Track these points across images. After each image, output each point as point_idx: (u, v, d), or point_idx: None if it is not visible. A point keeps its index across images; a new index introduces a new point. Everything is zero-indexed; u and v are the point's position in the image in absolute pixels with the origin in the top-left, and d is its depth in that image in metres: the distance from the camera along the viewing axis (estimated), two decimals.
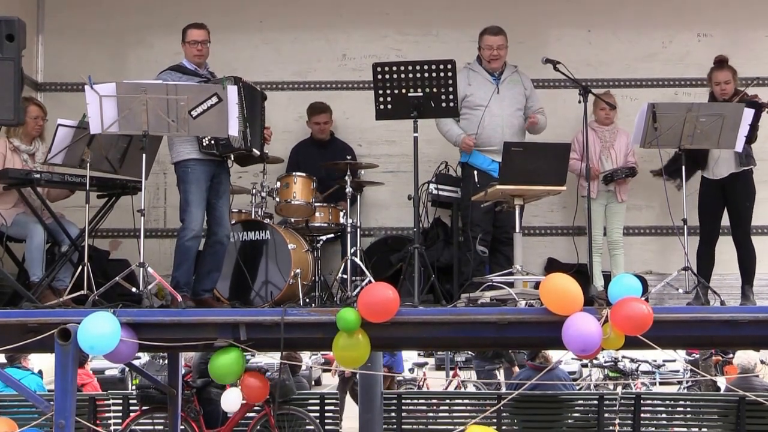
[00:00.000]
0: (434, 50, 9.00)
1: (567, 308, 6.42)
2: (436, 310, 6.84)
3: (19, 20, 6.61)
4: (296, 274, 7.84)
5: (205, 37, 7.57)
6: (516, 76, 8.14)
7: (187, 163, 7.37)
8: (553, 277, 6.61)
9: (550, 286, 6.51)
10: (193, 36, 7.53)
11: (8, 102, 6.55)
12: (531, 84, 8.22)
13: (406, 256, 7.60)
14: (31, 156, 7.78)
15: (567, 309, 6.42)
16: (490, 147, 7.92)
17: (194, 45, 7.51)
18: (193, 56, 7.52)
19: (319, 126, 9.04)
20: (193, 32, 7.54)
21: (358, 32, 9.43)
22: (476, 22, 8.48)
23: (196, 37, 7.52)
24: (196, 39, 7.52)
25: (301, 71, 9.42)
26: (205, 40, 7.55)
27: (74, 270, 7.30)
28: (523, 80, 8.17)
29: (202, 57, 7.55)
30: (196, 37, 7.52)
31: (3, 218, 7.43)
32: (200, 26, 7.59)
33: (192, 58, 7.53)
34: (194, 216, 7.27)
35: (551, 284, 6.52)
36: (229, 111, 6.83)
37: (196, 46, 7.51)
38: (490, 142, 7.93)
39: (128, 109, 6.79)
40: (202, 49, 7.54)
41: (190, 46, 7.51)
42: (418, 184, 7.26)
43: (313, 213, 8.23)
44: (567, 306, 6.42)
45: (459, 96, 7.48)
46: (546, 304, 6.48)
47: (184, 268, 7.28)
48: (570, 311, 6.40)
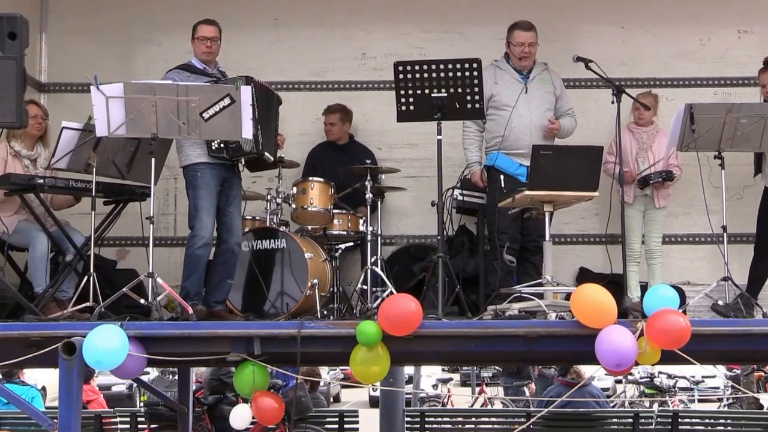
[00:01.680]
0: (458, 48, 8.98)
1: (600, 321, 6.38)
2: (461, 323, 6.81)
3: (21, 17, 6.62)
4: (313, 284, 7.83)
5: (215, 33, 7.58)
6: (546, 75, 8.09)
7: (196, 167, 7.38)
8: (585, 288, 6.57)
9: (581, 298, 6.47)
10: (202, 32, 7.54)
11: (10, 103, 6.55)
12: (561, 83, 8.18)
13: (429, 265, 7.58)
14: (32, 161, 7.81)
15: (600, 322, 6.38)
16: (518, 150, 7.88)
17: (203, 42, 7.53)
18: (201, 53, 7.54)
19: (326, 127, 9.04)
20: (202, 28, 7.56)
21: (378, 29, 9.43)
22: (503, 18, 8.46)
23: (205, 33, 7.54)
24: (206, 35, 7.54)
25: (317, 71, 9.43)
26: (215, 36, 7.56)
27: (79, 280, 7.32)
28: (553, 79, 8.12)
29: (212, 55, 7.57)
30: (206, 33, 7.54)
31: (5, 226, 7.45)
32: (211, 22, 7.60)
33: (200, 55, 7.55)
34: (204, 223, 7.28)
35: (583, 295, 6.49)
36: (242, 113, 6.83)
37: (206, 43, 7.53)
38: (518, 145, 7.89)
39: (136, 111, 6.80)
40: (212, 47, 7.55)
41: (199, 42, 7.54)
42: (441, 190, 7.24)
43: (331, 220, 8.22)
44: (600, 318, 6.39)
45: (485, 96, 7.45)
46: (577, 317, 6.44)
47: (195, 277, 7.29)
48: (603, 324, 6.36)
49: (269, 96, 7.63)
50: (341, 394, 26.52)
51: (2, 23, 6.57)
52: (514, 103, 7.92)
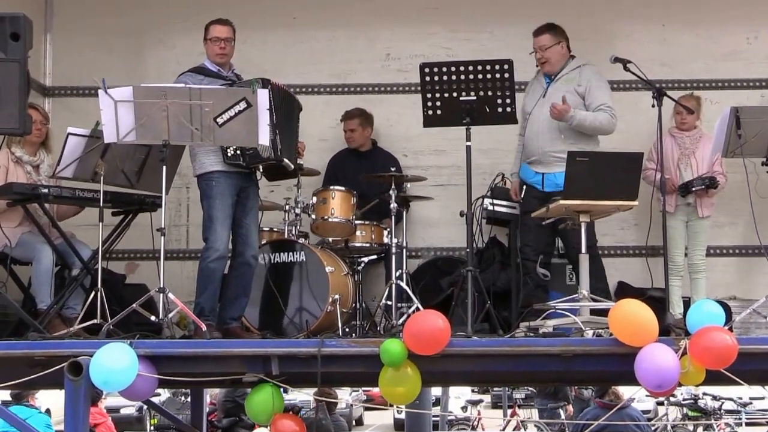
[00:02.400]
0: (488, 49, 8.98)
1: (640, 339, 6.35)
2: (491, 341, 6.79)
3: (24, 17, 6.65)
4: (335, 300, 7.83)
5: (229, 34, 7.59)
6: (574, 74, 8.00)
7: (210, 176, 7.39)
8: (625, 303, 6.54)
9: (620, 314, 6.45)
10: (214, 32, 7.56)
11: (13, 109, 6.57)
12: (595, 78, 7.98)
13: (458, 279, 7.56)
14: (35, 168, 7.83)
15: (640, 339, 6.35)
16: (531, 157, 7.95)
17: (216, 42, 7.54)
18: (215, 55, 7.55)
19: (346, 133, 9.05)
20: (215, 28, 7.57)
21: (403, 29, 9.44)
22: (535, 17, 8.44)
23: (218, 33, 7.55)
24: (219, 36, 7.55)
25: (339, 73, 9.44)
26: (229, 37, 7.57)
27: (86, 296, 7.33)
28: (582, 76, 7.98)
29: (225, 56, 7.57)
30: (219, 34, 7.55)
31: (7, 238, 7.48)
32: (224, 22, 7.61)
33: (214, 57, 7.55)
34: (219, 235, 7.28)
35: (622, 312, 6.46)
36: (259, 118, 6.84)
37: (219, 44, 7.53)
38: (530, 152, 7.94)
39: (146, 116, 6.82)
40: (225, 48, 7.55)
41: (212, 43, 7.54)
42: (471, 199, 7.23)
43: (353, 232, 8.22)
44: (640, 336, 6.36)
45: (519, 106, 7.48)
46: (616, 334, 6.42)
47: (209, 293, 7.29)
48: (643, 342, 6.33)
49: (289, 100, 7.63)
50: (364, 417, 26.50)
51: (4, 23, 6.60)
52: (531, 109, 7.94)
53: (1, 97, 6.50)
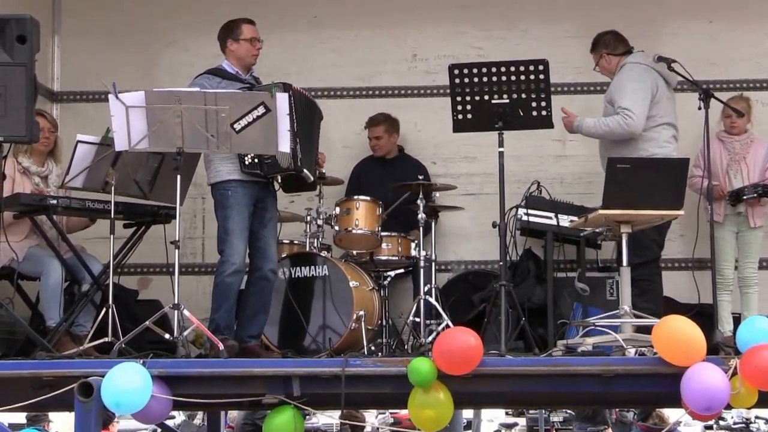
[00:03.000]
0: (522, 48, 8.99)
1: (686, 358, 6.33)
2: (527, 360, 6.78)
3: (31, 19, 6.69)
4: (359, 316, 7.84)
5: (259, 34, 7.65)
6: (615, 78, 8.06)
7: (226, 185, 7.41)
8: (670, 320, 6.52)
9: (665, 331, 6.43)
10: (251, 32, 7.58)
11: (19, 116, 6.60)
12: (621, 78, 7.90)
13: (490, 295, 7.56)
14: (43, 178, 7.89)
15: (686, 359, 6.33)
16: None
17: (254, 43, 7.57)
18: (251, 56, 7.57)
19: (371, 141, 9.07)
20: (250, 28, 7.59)
21: (431, 28, 9.46)
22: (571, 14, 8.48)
23: (254, 33, 7.59)
24: (255, 35, 7.59)
25: (363, 75, 9.47)
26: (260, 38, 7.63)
27: (97, 313, 7.37)
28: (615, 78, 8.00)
29: (257, 57, 7.63)
30: (255, 34, 7.59)
31: (14, 252, 7.50)
32: (253, 22, 7.65)
33: (249, 57, 7.56)
34: (235, 248, 7.31)
35: (667, 329, 6.44)
36: (278, 123, 6.84)
37: (256, 45, 7.58)
38: None
39: (160, 122, 6.84)
40: (260, 47, 7.62)
41: (249, 44, 7.55)
42: (504, 209, 7.23)
43: (378, 244, 8.24)
44: (686, 355, 6.34)
45: None
46: (661, 353, 6.40)
47: (225, 309, 7.32)
48: (690, 361, 6.31)
49: (311, 107, 7.65)
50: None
51: (10, 25, 6.64)
52: None
53: (7, 103, 6.55)
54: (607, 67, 8.08)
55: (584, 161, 9.15)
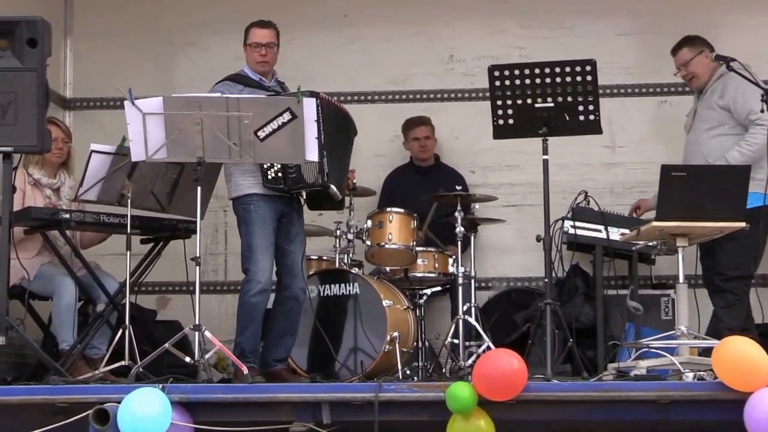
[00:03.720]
0: (568, 48, 8.99)
1: (750, 383, 6.29)
2: (575, 385, 6.76)
3: (42, 21, 6.72)
4: (393, 338, 7.85)
5: (272, 38, 7.60)
6: (717, 84, 7.98)
7: (248, 199, 7.42)
8: (731, 341, 6.49)
9: (727, 354, 6.39)
10: (255, 37, 7.57)
11: (30, 124, 6.63)
12: (733, 86, 7.83)
13: (535, 314, 7.55)
14: (55, 191, 7.94)
15: (750, 384, 6.29)
16: None
17: (257, 49, 7.55)
18: (255, 63, 7.55)
19: (419, 142, 9.07)
20: (255, 32, 7.58)
21: (468, 26, 9.47)
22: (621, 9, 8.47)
23: (259, 38, 7.56)
24: (259, 41, 7.56)
25: (396, 78, 9.49)
26: (271, 42, 7.58)
27: (113, 335, 7.42)
28: (723, 85, 7.94)
29: (267, 64, 7.59)
30: (260, 39, 7.56)
31: (24, 270, 7.53)
32: (266, 24, 7.62)
33: (254, 65, 7.56)
34: (261, 264, 7.32)
35: (729, 351, 6.40)
36: (305, 131, 6.85)
37: (259, 51, 7.55)
38: None
39: (179, 130, 6.87)
40: (267, 54, 7.57)
41: (252, 50, 7.55)
42: (549, 222, 7.22)
43: (414, 260, 8.24)
44: (750, 380, 6.30)
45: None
46: (722, 378, 6.36)
47: (250, 331, 7.34)
48: (754, 386, 6.27)
49: (344, 120, 7.64)
50: None
51: (20, 28, 6.68)
52: (687, 134, 8.03)
53: (17, 111, 6.58)
54: (703, 66, 8.00)
55: (636, 169, 9.13)
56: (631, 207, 8.60)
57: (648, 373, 6.86)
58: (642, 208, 8.50)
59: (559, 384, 6.70)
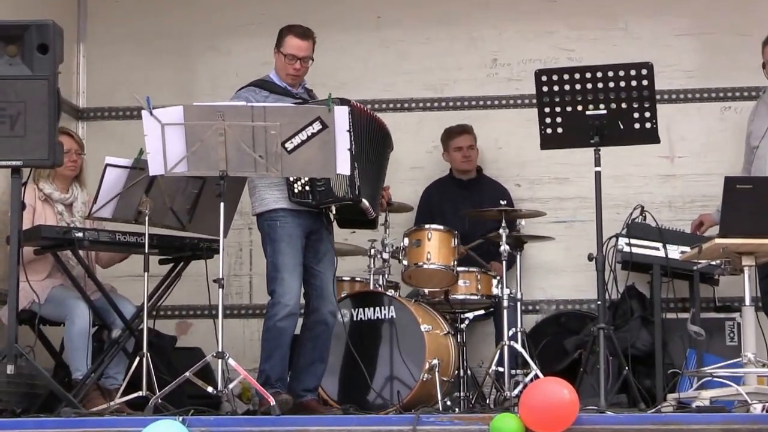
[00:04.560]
0: (621, 50, 8.99)
1: None
2: (631, 417, 6.74)
3: (54, 25, 6.74)
4: (432, 366, 7.84)
5: (309, 52, 7.55)
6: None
7: (274, 215, 7.44)
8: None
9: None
10: (291, 47, 7.52)
11: (41, 136, 6.64)
12: None
13: (587, 340, 7.53)
14: (67, 207, 7.96)
15: None
16: None
17: (291, 61, 7.52)
18: (286, 74, 7.53)
19: (462, 152, 9.07)
20: (293, 42, 7.53)
21: (513, 27, 9.47)
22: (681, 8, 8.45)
23: (295, 50, 7.51)
24: (295, 53, 7.51)
25: (434, 84, 9.49)
26: (307, 56, 7.53)
27: (129, 363, 7.45)
28: None
29: (298, 78, 7.58)
30: (296, 51, 7.51)
31: (35, 293, 7.55)
32: (305, 35, 7.56)
33: (284, 76, 7.55)
34: (288, 286, 7.33)
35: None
36: (336, 141, 6.85)
37: (293, 64, 7.52)
38: None
39: (200, 142, 6.89)
40: (301, 69, 7.54)
41: (286, 60, 7.52)
42: (602, 239, 7.20)
43: (454, 281, 8.24)
44: None
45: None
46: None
47: (277, 358, 7.35)
48: None
49: (379, 133, 7.66)
50: None
51: (30, 33, 6.70)
52: (758, 141, 7.97)
53: (27, 122, 6.61)
54: None
55: (697, 181, 9.10)
56: (691, 223, 8.57)
57: (711, 405, 6.83)
58: (704, 223, 8.47)
59: (613, 416, 6.67)
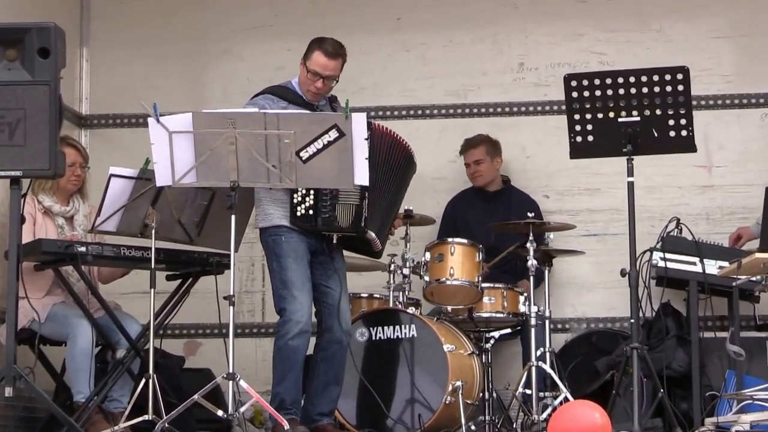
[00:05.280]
0: (655, 53, 8.98)
1: None
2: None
3: (56, 27, 6.72)
4: (456, 388, 7.83)
5: (335, 71, 7.42)
6: None
7: (278, 230, 7.40)
8: None
9: None
10: (316, 64, 7.38)
11: (41, 145, 6.61)
12: None
13: (619, 360, 7.52)
14: (68, 220, 7.96)
15: None
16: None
17: (314, 78, 7.40)
18: (307, 91, 7.44)
19: (470, 168, 9.07)
20: (319, 59, 7.38)
21: (540, 29, 9.46)
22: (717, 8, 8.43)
23: (320, 68, 7.38)
24: (320, 72, 7.38)
25: (457, 89, 9.49)
26: (332, 75, 7.42)
27: (135, 385, 7.44)
28: None
29: (318, 96, 7.49)
30: (321, 69, 7.38)
31: (34, 311, 7.56)
32: (334, 54, 7.40)
33: (306, 92, 7.46)
34: (298, 302, 7.31)
35: None
36: (354, 150, 6.85)
37: (316, 80, 7.40)
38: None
39: (210, 151, 6.90)
40: (323, 89, 7.43)
41: (309, 76, 7.40)
42: (635, 253, 7.20)
43: (479, 298, 8.23)
44: None
45: None
46: None
47: (290, 379, 7.34)
48: None
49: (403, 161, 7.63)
50: None
51: (31, 36, 6.69)
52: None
53: (27, 130, 6.61)
54: None
55: (736, 192, 9.07)
56: (730, 236, 8.55)
57: (752, 429, 6.82)
58: (743, 237, 8.46)
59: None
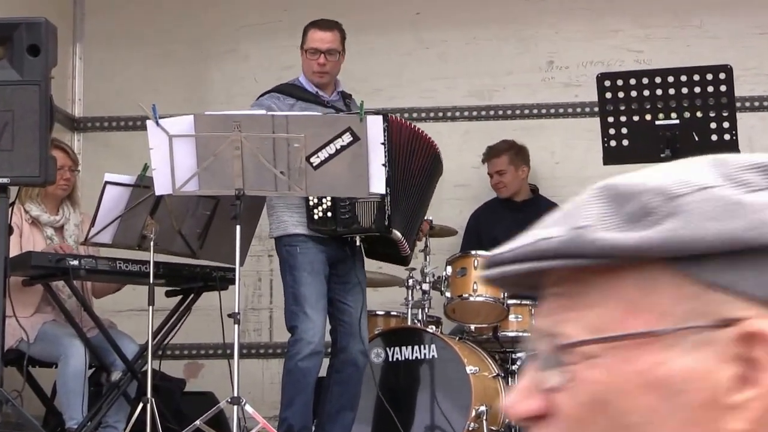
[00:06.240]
0: (696, 51, 8.97)
1: None
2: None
3: (47, 23, 6.74)
4: (479, 413, 7.82)
5: (334, 43, 7.52)
6: None
7: (294, 240, 7.41)
8: None
9: None
10: (313, 41, 7.51)
11: (30, 149, 6.64)
12: None
13: None
14: (58, 230, 7.97)
15: None
16: None
17: (314, 55, 7.50)
18: (312, 72, 7.52)
19: (493, 180, 9.06)
20: (314, 34, 7.53)
21: (571, 26, 9.47)
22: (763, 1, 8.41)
23: (317, 43, 7.49)
24: (318, 46, 7.49)
25: (481, 90, 9.50)
26: (333, 48, 7.51)
27: (132, 409, 7.45)
28: None
29: (326, 75, 7.52)
30: (318, 44, 7.50)
31: (23, 330, 7.56)
32: (327, 26, 7.57)
33: (311, 75, 7.54)
34: (311, 321, 7.32)
35: None
36: (370, 156, 6.85)
37: (317, 58, 7.49)
38: None
39: (213, 156, 6.91)
40: (326, 64, 7.49)
41: (309, 56, 7.51)
42: None
43: (505, 315, 8.22)
44: None
45: None
46: None
47: (300, 404, 7.35)
48: None
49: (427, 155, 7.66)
50: None
51: (20, 32, 6.71)
52: None
53: (15, 133, 6.63)
54: None
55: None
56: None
57: None
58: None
59: None
